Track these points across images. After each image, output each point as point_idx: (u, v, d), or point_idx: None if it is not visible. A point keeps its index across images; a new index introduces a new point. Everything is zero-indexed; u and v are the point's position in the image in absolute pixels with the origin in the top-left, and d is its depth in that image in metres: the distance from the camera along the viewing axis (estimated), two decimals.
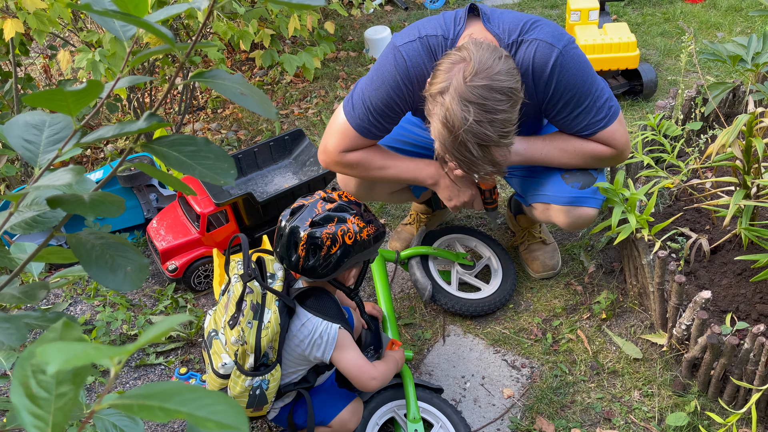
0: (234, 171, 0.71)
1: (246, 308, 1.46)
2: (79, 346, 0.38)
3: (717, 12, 3.78)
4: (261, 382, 1.48)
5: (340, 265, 1.52)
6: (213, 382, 1.52)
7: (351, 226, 1.51)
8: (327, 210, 1.51)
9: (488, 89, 1.42)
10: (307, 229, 1.48)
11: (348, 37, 3.97)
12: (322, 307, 1.55)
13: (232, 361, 1.47)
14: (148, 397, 0.41)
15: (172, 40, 0.64)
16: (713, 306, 1.87)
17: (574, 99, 1.62)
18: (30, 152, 0.70)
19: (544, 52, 1.56)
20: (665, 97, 2.98)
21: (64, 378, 0.47)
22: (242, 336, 1.45)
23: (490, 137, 1.44)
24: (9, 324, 0.67)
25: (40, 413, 0.46)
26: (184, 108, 3.09)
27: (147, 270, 0.74)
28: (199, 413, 0.38)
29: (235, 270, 1.56)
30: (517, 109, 1.49)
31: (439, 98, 1.46)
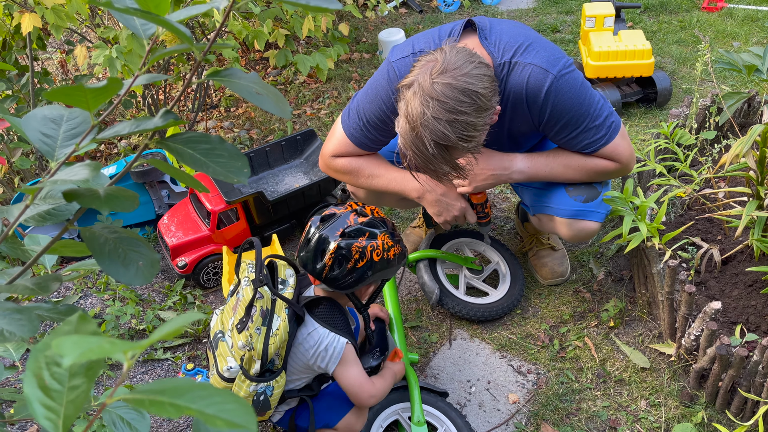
0: (247, 170, 0.72)
1: (255, 314, 1.46)
2: (95, 340, 0.39)
3: (733, 21, 3.75)
4: (266, 388, 1.49)
5: (362, 279, 1.51)
6: (217, 384, 1.51)
7: (380, 243, 1.51)
8: (359, 223, 1.51)
9: (451, 88, 1.40)
10: (338, 239, 1.48)
11: (362, 39, 3.98)
12: (331, 319, 1.54)
13: (237, 365, 1.47)
14: (160, 393, 0.41)
15: (191, 40, 0.65)
16: (723, 317, 1.86)
17: (571, 122, 1.62)
18: (47, 146, 0.71)
19: (538, 78, 1.56)
20: (679, 105, 2.96)
21: (78, 371, 0.47)
22: (250, 342, 1.45)
23: (447, 137, 1.42)
24: (21, 315, 0.68)
25: (52, 405, 0.47)
26: (197, 106, 3.11)
27: (158, 265, 0.75)
28: (209, 411, 0.39)
29: (245, 272, 1.56)
30: (484, 117, 1.45)
31: (405, 91, 1.46)
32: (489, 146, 1.83)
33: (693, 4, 4.02)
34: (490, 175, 1.75)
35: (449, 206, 1.82)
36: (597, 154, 1.68)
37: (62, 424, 0.45)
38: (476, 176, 1.75)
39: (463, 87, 1.41)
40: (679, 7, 3.99)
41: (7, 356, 1.28)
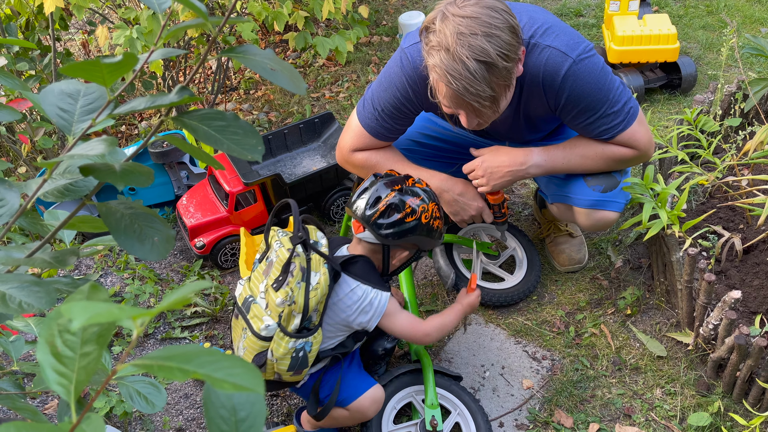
0: (261, 147, 0.72)
1: (296, 269, 1.48)
2: (104, 305, 0.39)
3: (762, 7, 3.66)
4: (304, 344, 1.50)
5: (405, 236, 1.57)
6: (253, 345, 1.51)
7: (430, 209, 1.58)
8: (415, 187, 1.60)
9: (481, 5, 1.40)
10: (395, 191, 1.56)
11: (382, 22, 3.95)
12: (369, 275, 1.59)
13: (275, 323, 1.47)
14: (168, 359, 0.42)
15: (205, 14, 0.65)
16: (743, 306, 1.83)
17: (588, 108, 1.59)
18: (64, 120, 0.71)
19: (556, 61, 1.53)
20: (704, 91, 2.90)
21: (89, 338, 0.48)
22: (291, 296, 1.46)
23: (486, 51, 1.38)
24: (39, 288, 0.69)
25: (65, 371, 0.47)
26: (217, 87, 3.12)
27: (173, 241, 0.76)
28: (217, 375, 0.39)
29: (275, 238, 1.57)
30: (516, 42, 1.43)
31: (431, 25, 1.44)
32: (507, 130, 1.82)
33: None
34: (507, 171, 1.73)
35: (466, 206, 1.83)
36: (614, 140, 1.66)
37: (74, 389, 0.46)
38: (493, 174, 1.74)
39: (493, 5, 1.41)
40: None
41: (29, 331, 1.31)
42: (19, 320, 1.35)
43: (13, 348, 1.14)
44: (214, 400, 0.45)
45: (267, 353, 1.50)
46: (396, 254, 1.65)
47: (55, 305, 0.67)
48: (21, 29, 2.68)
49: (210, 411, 0.45)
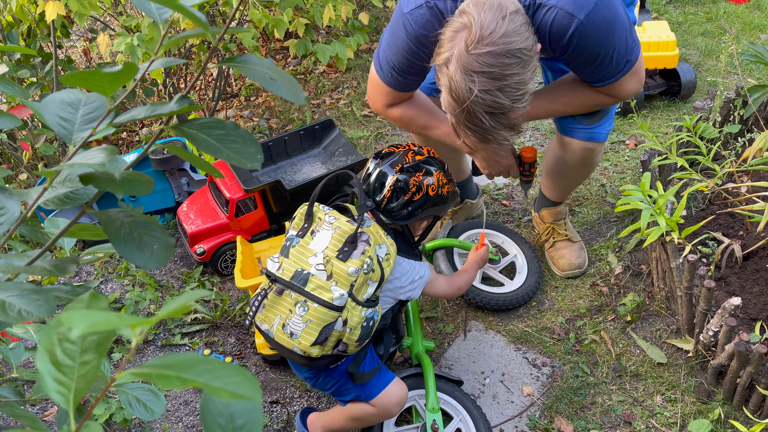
0: (261, 156, 0.72)
1: (371, 239, 1.48)
2: (103, 314, 0.40)
3: (761, 13, 3.67)
4: (373, 313, 1.51)
5: (416, 212, 1.61)
6: (323, 316, 1.45)
7: (435, 180, 1.61)
8: (416, 160, 1.61)
9: (493, 56, 1.34)
10: (396, 173, 1.58)
11: (382, 29, 3.97)
12: (405, 249, 1.64)
13: (346, 292, 1.45)
14: (167, 367, 0.42)
15: (206, 24, 0.65)
16: (743, 313, 1.83)
17: (591, 59, 1.56)
18: (65, 129, 0.72)
19: (563, 23, 1.47)
20: (703, 98, 2.91)
21: (88, 346, 0.48)
22: (369, 264, 1.46)
23: (502, 104, 1.38)
24: (38, 296, 0.70)
25: (64, 379, 0.48)
26: (217, 94, 3.13)
27: (173, 249, 0.76)
28: (215, 383, 0.39)
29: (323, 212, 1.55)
30: (531, 67, 1.39)
31: (444, 69, 1.41)
32: None
33: None
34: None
35: (497, 162, 1.87)
36: (602, 89, 1.65)
37: (73, 398, 0.46)
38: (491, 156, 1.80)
39: (505, 50, 1.34)
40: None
41: (28, 338, 1.31)
42: (19, 327, 1.35)
43: (12, 355, 1.14)
44: (211, 408, 0.45)
45: (335, 324, 1.46)
46: (415, 227, 1.70)
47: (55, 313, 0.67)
48: (22, 36, 2.69)
49: (208, 419, 0.45)
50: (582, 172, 2.04)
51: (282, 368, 2.03)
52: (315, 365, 1.55)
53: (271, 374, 2.02)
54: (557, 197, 2.22)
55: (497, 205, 2.57)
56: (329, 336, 1.46)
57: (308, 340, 1.45)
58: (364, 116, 3.18)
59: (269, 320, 1.53)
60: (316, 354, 1.47)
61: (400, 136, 3.02)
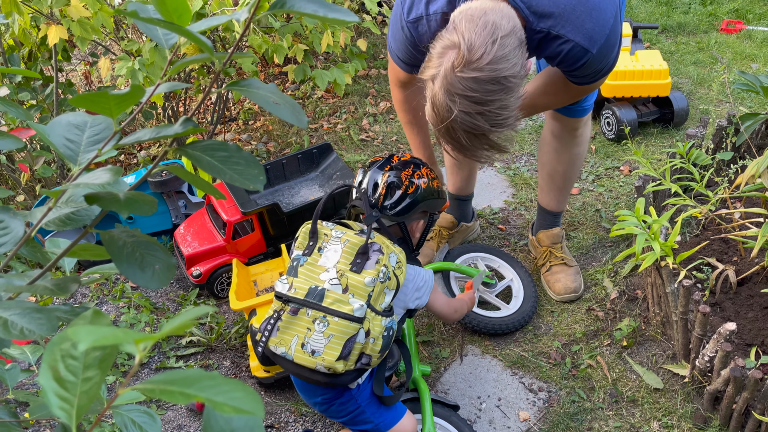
0: (263, 177, 0.73)
1: (384, 247, 1.47)
2: (108, 329, 0.40)
3: (752, 43, 3.74)
4: (392, 322, 1.49)
5: (413, 206, 1.63)
6: (345, 329, 1.42)
7: (424, 173, 1.65)
8: (402, 161, 1.66)
9: (477, 81, 1.34)
10: (387, 171, 1.62)
11: (380, 56, 4.02)
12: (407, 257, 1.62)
13: (365, 303, 1.43)
14: (170, 383, 0.43)
15: (211, 49, 0.67)
16: (738, 339, 1.84)
17: (591, 74, 1.60)
18: (71, 151, 0.73)
19: (577, 55, 1.51)
20: (696, 125, 2.96)
21: (91, 363, 0.49)
22: (386, 272, 1.45)
23: (480, 127, 1.39)
24: (40, 314, 0.70)
25: (67, 396, 0.48)
26: (216, 118, 3.16)
27: (174, 269, 0.77)
28: (218, 398, 0.40)
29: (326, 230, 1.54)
30: (515, 93, 1.39)
31: (429, 83, 1.41)
32: None
33: (711, 25, 4.02)
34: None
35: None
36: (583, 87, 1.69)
37: (75, 414, 0.47)
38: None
39: (490, 78, 1.34)
40: (697, 29, 3.99)
41: (24, 359, 1.31)
42: (15, 348, 1.35)
43: (8, 376, 1.13)
44: (213, 423, 0.46)
45: (357, 336, 1.43)
46: (413, 227, 1.71)
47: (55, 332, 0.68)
48: (23, 60, 2.72)
49: None
50: (576, 150, 2.09)
51: (277, 392, 2.02)
52: (339, 382, 1.49)
53: (266, 398, 2.00)
54: (556, 202, 2.24)
55: (493, 229, 2.58)
56: (352, 349, 1.43)
57: (333, 355, 1.41)
58: (362, 140, 3.21)
59: (285, 342, 1.47)
60: (341, 369, 1.43)
61: None
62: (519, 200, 2.72)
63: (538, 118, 3.24)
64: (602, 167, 2.86)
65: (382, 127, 3.31)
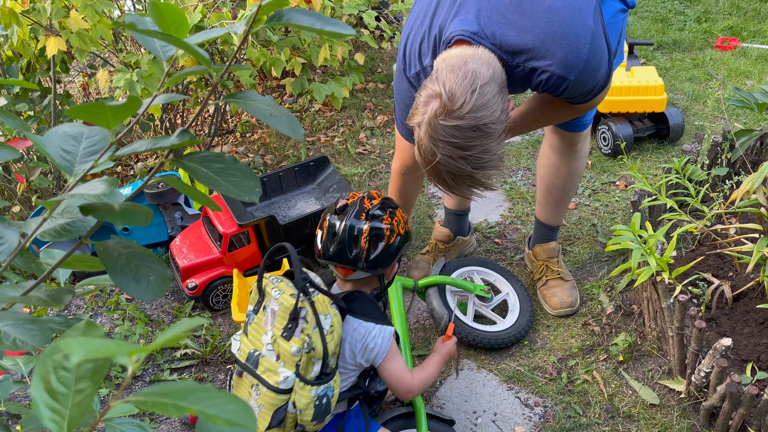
0: (259, 189, 0.73)
1: (309, 315, 1.43)
2: (101, 341, 0.40)
3: (747, 60, 3.78)
4: (326, 390, 1.45)
5: (397, 254, 1.59)
6: (271, 400, 1.43)
7: (400, 217, 1.61)
8: (375, 205, 1.58)
9: (459, 129, 1.40)
10: (366, 222, 1.54)
11: (377, 70, 4.04)
12: (369, 311, 1.56)
13: (293, 373, 1.41)
14: (163, 395, 0.42)
15: (209, 61, 0.67)
16: (734, 354, 1.84)
17: (580, 95, 1.61)
18: (67, 161, 0.73)
19: (556, 83, 1.53)
20: (691, 141, 2.97)
21: (83, 375, 0.49)
22: (309, 342, 1.42)
23: (463, 170, 1.44)
24: (34, 326, 0.70)
25: (58, 408, 0.48)
26: (213, 130, 3.17)
27: (169, 281, 0.76)
28: (211, 411, 0.40)
29: (271, 285, 1.52)
30: (496, 137, 1.44)
31: (416, 129, 1.47)
32: None
33: (706, 42, 4.05)
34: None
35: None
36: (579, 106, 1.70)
37: (67, 426, 0.46)
38: None
39: (471, 125, 1.40)
40: (692, 46, 4.02)
41: (16, 370, 1.30)
42: (7, 359, 1.34)
43: (1, 388, 1.12)
44: None
45: (287, 406, 1.44)
46: (388, 274, 1.66)
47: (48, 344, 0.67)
48: (22, 71, 2.73)
49: None
50: (575, 165, 2.11)
51: None
52: None
53: None
54: (553, 216, 2.25)
55: (490, 243, 2.58)
56: (284, 418, 1.43)
57: (263, 425, 1.42)
58: (359, 154, 3.21)
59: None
60: None
61: None
62: (515, 214, 2.72)
63: (535, 132, 3.26)
64: (598, 182, 2.87)
65: (379, 140, 3.32)
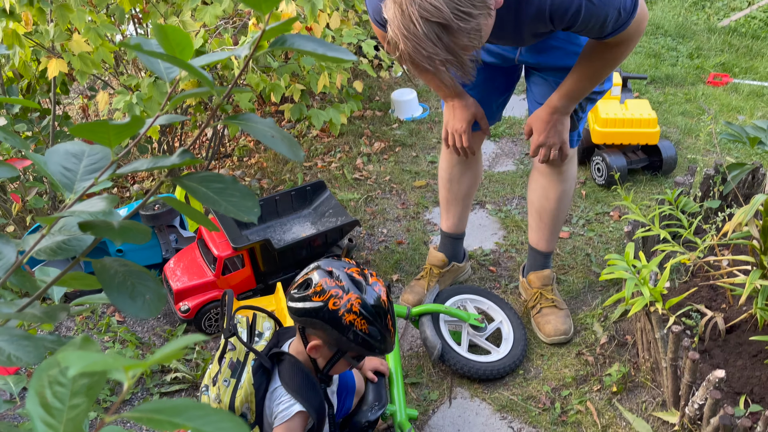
0: (257, 209, 0.74)
1: (224, 365, 1.43)
2: (98, 355, 0.40)
3: (738, 96, 3.84)
4: None
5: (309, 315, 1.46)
6: None
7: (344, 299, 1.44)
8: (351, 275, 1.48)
9: None
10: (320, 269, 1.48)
11: (375, 97, 4.09)
12: (291, 379, 1.47)
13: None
14: (158, 412, 0.42)
15: (212, 83, 0.68)
16: (727, 387, 1.83)
17: (597, 24, 1.52)
18: (67, 179, 0.74)
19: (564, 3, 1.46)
20: (684, 174, 3.00)
21: (79, 390, 0.49)
22: (218, 394, 1.42)
23: (439, 11, 1.25)
24: (28, 342, 0.70)
25: (53, 422, 0.48)
26: (211, 154, 3.18)
27: (164, 300, 0.76)
28: (206, 429, 0.40)
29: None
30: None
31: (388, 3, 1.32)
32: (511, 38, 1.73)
33: (698, 78, 4.12)
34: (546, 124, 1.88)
35: (455, 119, 1.97)
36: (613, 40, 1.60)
37: None
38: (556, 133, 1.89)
39: None
40: (684, 81, 4.09)
41: (7, 389, 1.28)
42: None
43: None
44: None
45: None
46: (310, 339, 1.49)
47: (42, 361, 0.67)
48: (22, 92, 2.75)
49: None
50: (563, 187, 2.14)
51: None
52: None
53: None
54: (545, 241, 2.26)
55: (484, 270, 2.59)
56: None
57: None
58: (355, 179, 3.23)
59: None
60: None
61: (389, 199, 3.07)
62: (510, 242, 2.73)
63: (530, 162, 3.29)
64: (592, 212, 2.89)
65: (375, 166, 3.34)
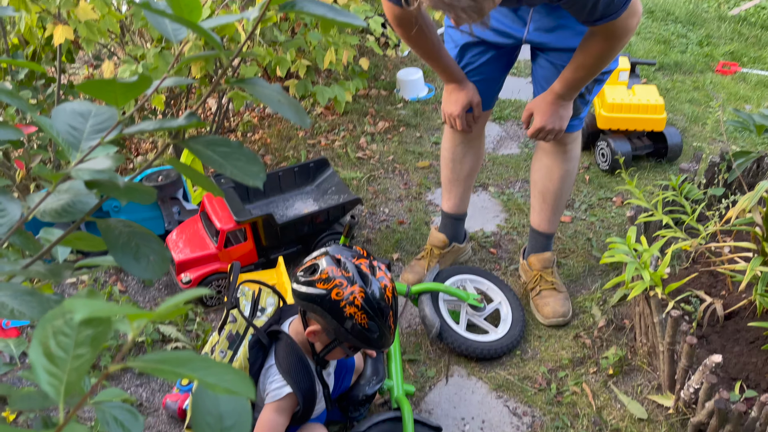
0: (263, 174, 0.74)
1: (223, 336, 1.44)
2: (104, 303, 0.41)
3: (746, 85, 3.81)
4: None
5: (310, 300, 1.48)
6: None
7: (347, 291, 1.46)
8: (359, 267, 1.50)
9: None
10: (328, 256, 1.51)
11: (381, 76, 4.07)
12: (285, 359, 1.49)
13: None
14: (162, 362, 0.43)
15: (220, 45, 0.68)
16: (723, 372, 1.84)
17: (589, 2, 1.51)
18: (74, 138, 0.74)
19: None
20: (689, 161, 2.99)
21: (83, 341, 0.49)
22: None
23: None
24: (32, 297, 0.70)
25: (56, 371, 0.48)
26: (215, 128, 3.18)
27: (168, 262, 0.77)
28: (210, 379, 0.40)
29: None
30: None
31: None
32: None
33: (707, 66, 4.09)
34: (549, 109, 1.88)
35: (450, 103, 2.01)
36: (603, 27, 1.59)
37: (64, 389, 0.47)
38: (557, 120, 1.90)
39: None
40: (693, 68, 4.06)
41: (7, 352, 1.30)
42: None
43: None
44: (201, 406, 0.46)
45: None
46: (310, 323, 1.52)
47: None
48: (27, 59, 2.73)
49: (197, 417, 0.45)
50: (566, 167, 2.13)
51: None
52: None
53: None
54: (547, 222, 2.26)
55: (484, 252, 2.59)
56: None
57: None
58: (358, 158, 3.23)
59: None
60: None
61: (392, 179, 3.06)
62: (512, 225, 2.74)
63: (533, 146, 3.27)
64: (595, 197, 2.89)
65: (379, 146, 3.33)
